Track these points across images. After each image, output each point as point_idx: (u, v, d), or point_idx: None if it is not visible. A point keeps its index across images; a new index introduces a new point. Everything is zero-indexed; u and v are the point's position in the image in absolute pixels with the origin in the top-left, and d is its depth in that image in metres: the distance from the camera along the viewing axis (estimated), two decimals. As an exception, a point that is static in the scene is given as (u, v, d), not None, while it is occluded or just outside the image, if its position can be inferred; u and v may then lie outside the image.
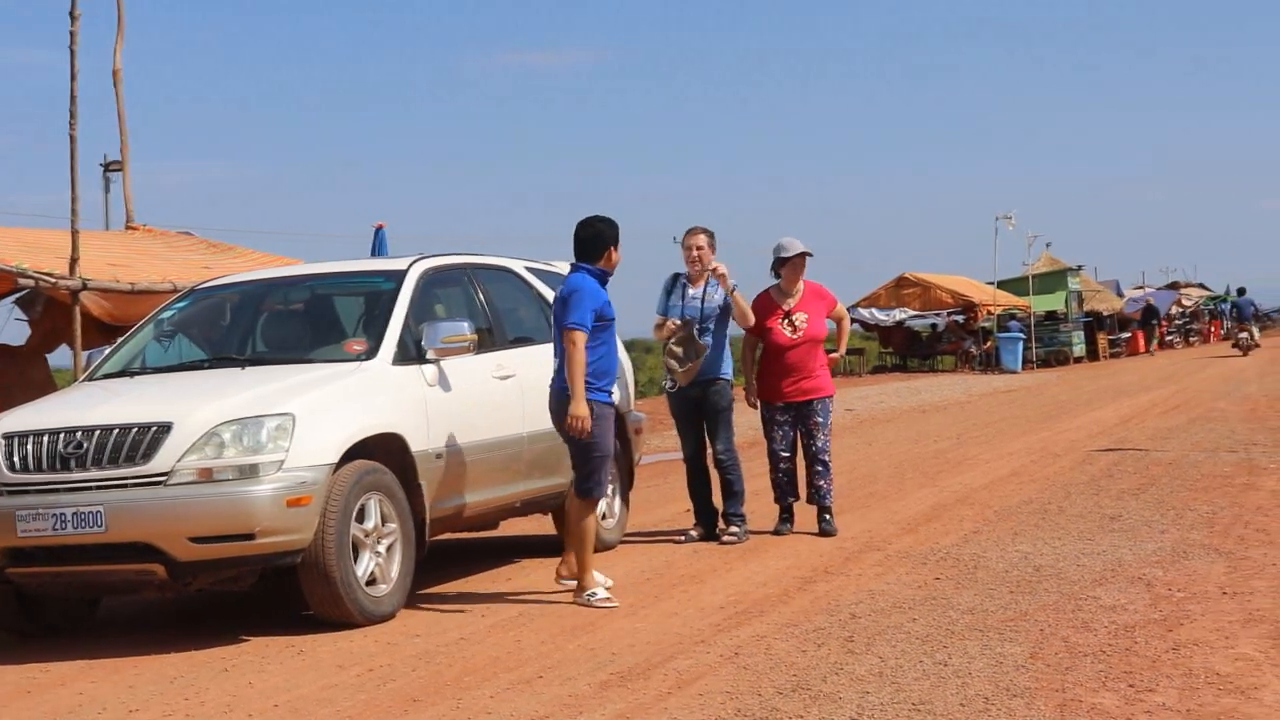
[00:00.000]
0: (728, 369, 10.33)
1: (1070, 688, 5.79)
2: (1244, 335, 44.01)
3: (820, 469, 10.32)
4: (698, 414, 10.26)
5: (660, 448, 15.84)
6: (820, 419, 10.32)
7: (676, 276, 10.32)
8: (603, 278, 8.31)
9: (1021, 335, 43.25)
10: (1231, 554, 8.58)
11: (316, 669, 6.94)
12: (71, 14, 13.32)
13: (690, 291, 10.24)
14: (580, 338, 8.05)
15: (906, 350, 47.23)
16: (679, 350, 10.11)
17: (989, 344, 43.81)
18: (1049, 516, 10.47)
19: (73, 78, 13.13)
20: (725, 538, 10.09)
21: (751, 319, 10.15)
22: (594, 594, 8.12)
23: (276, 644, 7.58)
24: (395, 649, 7.27)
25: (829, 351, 10.72)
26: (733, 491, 10.21)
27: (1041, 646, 6.49)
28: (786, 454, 10.35)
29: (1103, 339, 51.21)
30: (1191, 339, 63.43)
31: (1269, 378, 28.46)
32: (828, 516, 10.31)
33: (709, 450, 10.49)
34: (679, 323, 10.15)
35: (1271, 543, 8.90)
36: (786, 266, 10.33)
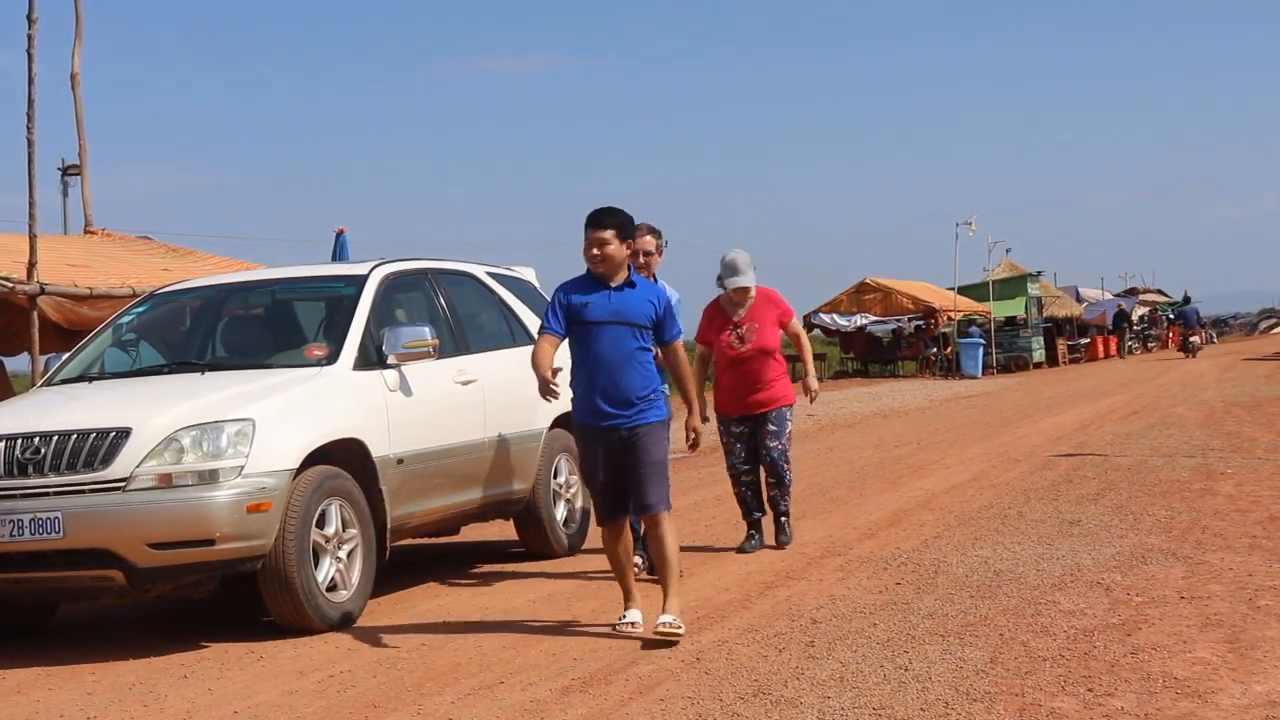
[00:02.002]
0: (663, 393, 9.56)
1: (1030, 692, 5.82)
2: (1195, 340, 47.61)
3: (775, 480, 9.86)
4: None
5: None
6: (774, 427, 9.78)
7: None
8: (588, 277, 7.44)
9: (982, 341, 43.46)
10: (1189, 558, 8.63)
11: (276, 675, 6.91)
12: (29, 18, 13.25)
13: None
14: (541, 339, 7.44)
15: (867, 356, 47.40)
16: None
17: (950, 349, 44.00)
18: (1009, 521, 10.51)
19: (30, 81, 13.05)
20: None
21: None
22: (667, 620, 7.16)
23: (236, 650, 7.55)
24: (356, 655, 7.24)
25: (795, 379, 10.15)
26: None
27: (1001, 651, 6.52)
28: (746, 467, 9.85)
29: (1062, 344, 51.52)
30: (1150, 344, 63.87)
31: (1226, 383, 28.67)
32: (783, 521, 9.95)
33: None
34: None
35: (1228, 547, 8.96)
36: (734, 290, 9.70)
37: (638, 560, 8.73)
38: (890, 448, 18.03)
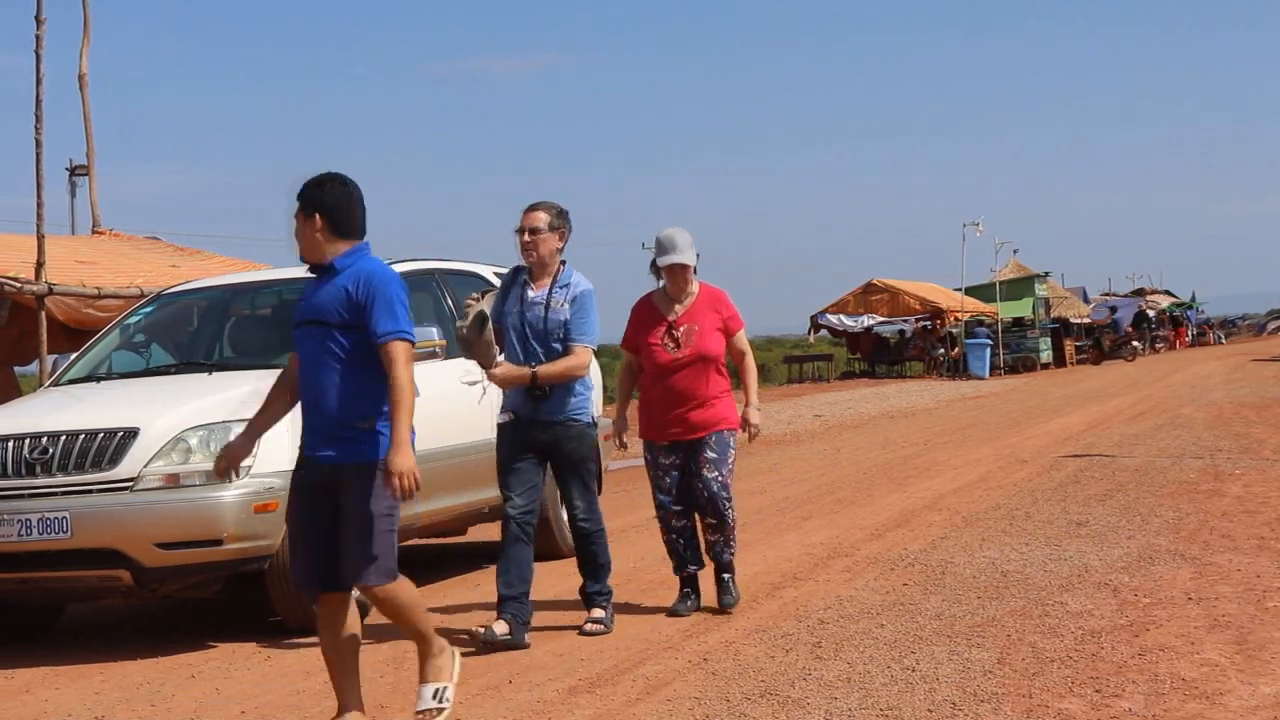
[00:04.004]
0: (586, 406, 7.58)
1: (1037, 693, 5.81)
2: (1136, 345, 52.32)
3: (714, 522, 7.85)
4: (539, 461, 7.50)
5: (635, 453, 15.84)
6: (713, 454, 7.77)
7: (519, 271, 7.64)
8: None
9: (989, 342, 43.45)
10: (1197, 559, 8.62)
11: (284, 675, 6.92)
12: (37, 18, 13.25)
13: (531, 293, 7.50)
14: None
15: (874, 356, 47.39)
16: (464, 334, 7.46)
17: (956, 350, 43.99)
18: (1016, 522, 10.50)
19: (38, 82, 13.06)
20: (588, 626, 7.52)
21: (581, 372, 7.47)
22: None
23: (244, 650, 7.55)
24: (362, 655, 7.20)
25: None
26: (598, 564, 7.62)
27: (1009, 652, 6.51)
28: (679, 508, 7.90)
29: (1069, 345, 51.53)
30: (1158, 345, 63.84)
31: (1234, 384, 28.64)
32: (726, 577, 7.97)
33: (555, 510, 9.43)
34: (476, 298, 7.56)
35: (1236, 548, 8.95)
36: (665, 271, 7.89)
37: (497, 629, 7.21)
38: (897, 448, 18.01)
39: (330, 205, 5.57)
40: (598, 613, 7.57)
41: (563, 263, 7.54)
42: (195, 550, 7.38)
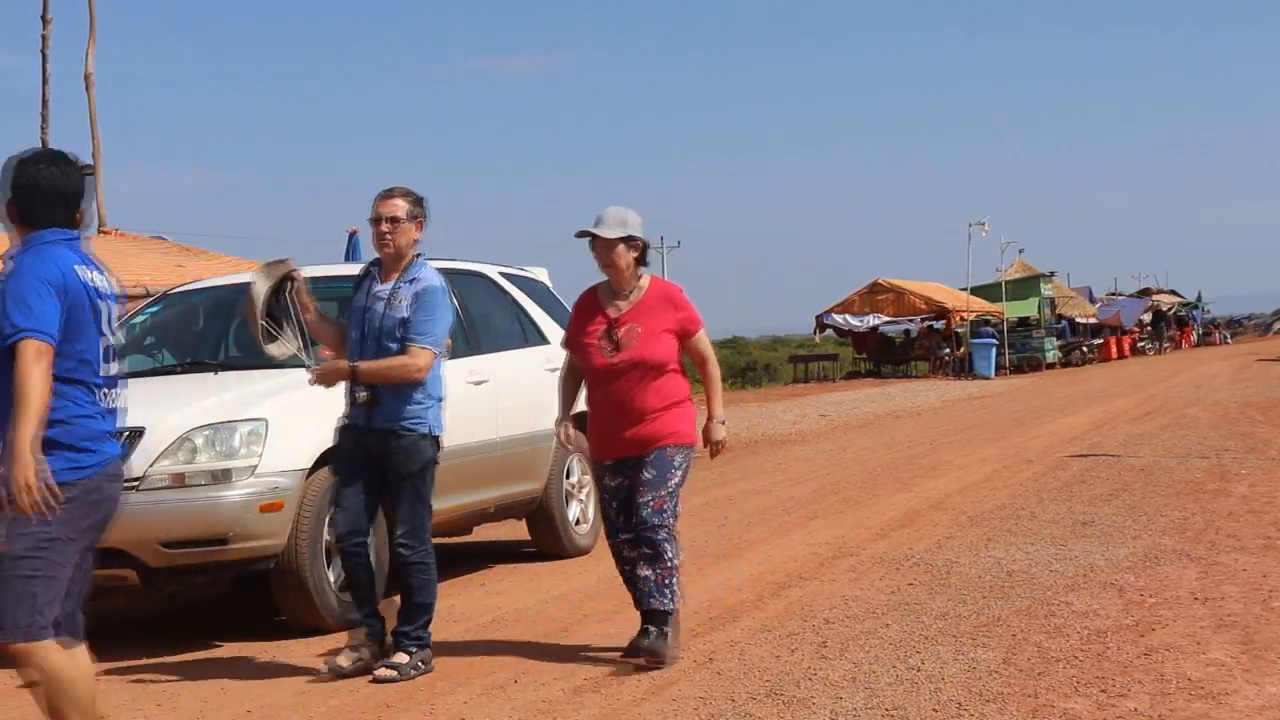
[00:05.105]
0: (424, 416, 6.85)
1: (1043, 693, 5.81)
2: (1085, 348, 52.58)
3: (649, 551, 6.63)
4: (371, 473, 6.85)
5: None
6: (650, 474, 6.64)
7: (374, 264, 7.14)
8: None
9: (994, 341, 43.44)
10: (1203, 559, 8.61)
11: (288, 675, 6.91)
12: (43, 18, 13.31)
13: (377, 287, 6.94)
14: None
15: (880, 356, 47.39)
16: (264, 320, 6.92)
17: (962, 350, 43.99)
18: (1022, 522, 10.49)
19: (44, 82, 13.11)
20: (381, 671, 6.63)
21: (412, 373, 6.77)
22: None
23: (249, 649, 7.56)
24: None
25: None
26: (414, 604, 6.79)
27: (1014, 652, 6.51)
28: (627, 537, 6.75)
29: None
30: (1164, 346, 63.86)
31: (1240, 384, 28.61)
32: (650, 630, 6.60)
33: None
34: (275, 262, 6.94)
35: (1242, 548, 8.94)
36: (594, 249, 6.84)
37: (342, 662, 6.75)
38: (903, 448, 18.01)
39: (14, 189, 4.77)
40: (400, 657, 6.68)
41: (417, 255, 7.00)
42: (201, 550, 7.38)
